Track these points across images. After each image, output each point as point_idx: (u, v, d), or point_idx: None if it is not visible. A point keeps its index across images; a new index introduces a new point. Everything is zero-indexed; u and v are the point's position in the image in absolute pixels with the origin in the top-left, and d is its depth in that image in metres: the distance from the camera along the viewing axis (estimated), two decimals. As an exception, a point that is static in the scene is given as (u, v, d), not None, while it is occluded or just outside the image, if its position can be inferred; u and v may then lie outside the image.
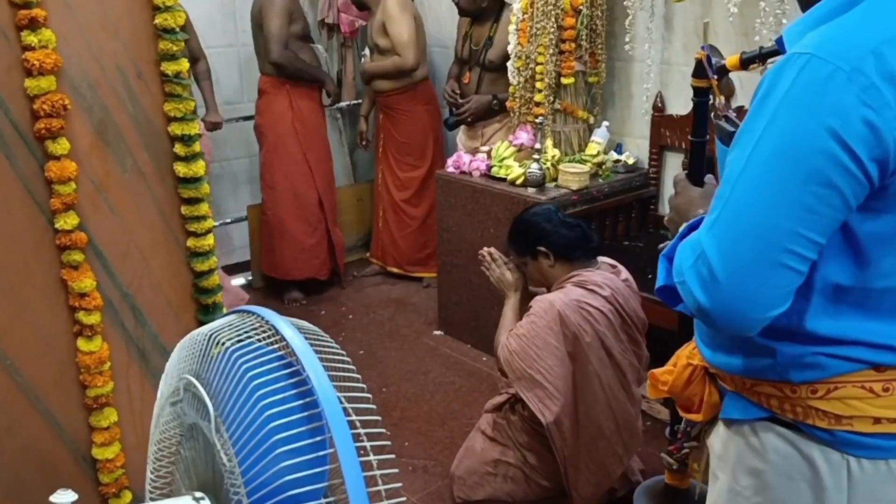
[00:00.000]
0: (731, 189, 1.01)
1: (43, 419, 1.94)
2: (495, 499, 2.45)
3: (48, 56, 1.76)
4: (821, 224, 0.98)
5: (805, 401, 1.09)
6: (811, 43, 0.99)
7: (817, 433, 1.09)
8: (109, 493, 2.05)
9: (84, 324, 1.92)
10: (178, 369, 1.29)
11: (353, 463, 1.06)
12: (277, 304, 4.18)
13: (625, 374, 2.31)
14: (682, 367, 1.28)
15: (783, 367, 1.09)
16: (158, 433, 1.38)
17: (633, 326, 2.34)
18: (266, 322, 1.21)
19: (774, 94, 1.00)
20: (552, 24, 3.31)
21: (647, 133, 3.49)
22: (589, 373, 2.25)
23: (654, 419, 3.05)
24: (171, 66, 1.98)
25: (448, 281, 3.75)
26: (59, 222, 1.85)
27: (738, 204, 1.00)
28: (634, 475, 2.53)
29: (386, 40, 4.07)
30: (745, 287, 0.99)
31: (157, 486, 1.43)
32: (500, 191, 3.36)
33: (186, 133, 2.02)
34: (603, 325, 2.26)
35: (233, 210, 4.50)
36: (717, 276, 0.99)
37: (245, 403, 1.10)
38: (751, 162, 1.00)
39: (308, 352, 1.13)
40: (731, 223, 1.00)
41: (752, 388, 1.15)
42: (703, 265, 1.01)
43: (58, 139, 1.81)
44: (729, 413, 1.20)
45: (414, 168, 4.32)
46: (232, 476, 1.12)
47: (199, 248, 2.13)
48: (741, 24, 3.02)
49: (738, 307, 1.00)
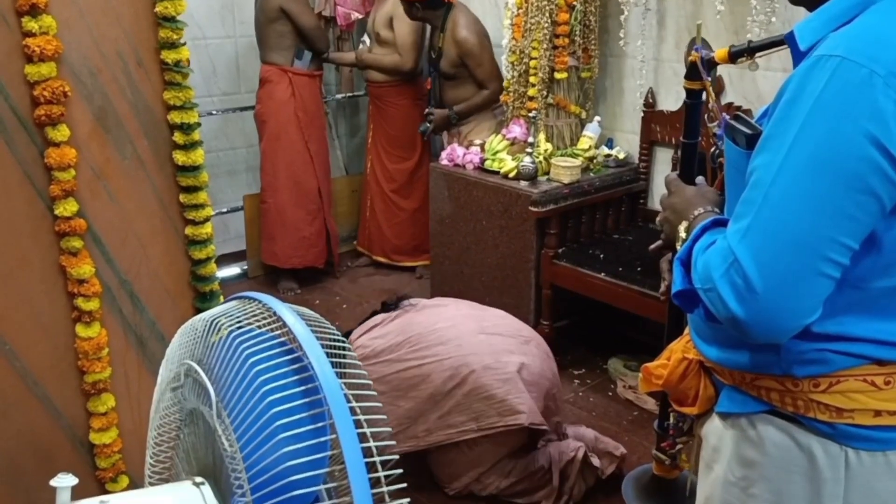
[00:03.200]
0: (764, 196, 0.98)
1: (41, 404, 1.95)
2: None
3: (49, 42, 1.76)
4: (858, 230, 0.97)
5: (807, 394, 1.09)
6: (839, 45, 0.97)
7: (818, 426, 1.10)
8: (106, 478, 2.07)
9: (83, 310, 1.93)
10: (179, 355, 1.31)
11: (354, 449, 1.07)
12: (272, 293, 4.19)
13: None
14: (678, 361, 1.27)
15: (787, 362, 1.09)
16: (158, 418, 1.39)
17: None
18: (267, 309, 1.23)
19: (804, 97, 0.97)
20: (546, 19, 3.34)
21: (637, 128, 3.51)
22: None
23: (641, 409, 3.10)
24: (171, 54, 1.99)
25: (440, 272, 3.78)
26: (59, 209, 1.85)
27: (774, 211, 0.97)
28: (617, 449, 2.59)
29: (389, 33, 4.08)
30: (785, 297, 0.97)
31: (156, 471, 1.45)
32: (494, 184, 3.39)
33: (186, 121, 2.04)
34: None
35: (229, 200, 4.50)
36: (754, 287, 0.96)
37: (247, 389, 1.12)
38: (784, 168, 0.97)
39: (310, 338, 1.14)
40: (768, 232, 0.97)
41: (752, 383, 1.15)
42: (737, 275, 0.98)
43: (58, 126, 1.81)
44: (726, 406, 1.20)
45: (403, 160, 4.35)
46: (233, 461, 1.13)
47: (198, 236, 2.15)
48: (731, 21, 3.05)
49: (775, 317, 0.98)
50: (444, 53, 3.84)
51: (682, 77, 3.36)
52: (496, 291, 3.45)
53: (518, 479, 2.47)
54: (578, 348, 3.41)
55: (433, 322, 2.56)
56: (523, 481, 2.47)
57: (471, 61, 3.79)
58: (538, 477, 2.45)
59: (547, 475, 2.44)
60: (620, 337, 3.51)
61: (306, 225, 4.18)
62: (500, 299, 3.37)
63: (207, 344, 1.23)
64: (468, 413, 2.41)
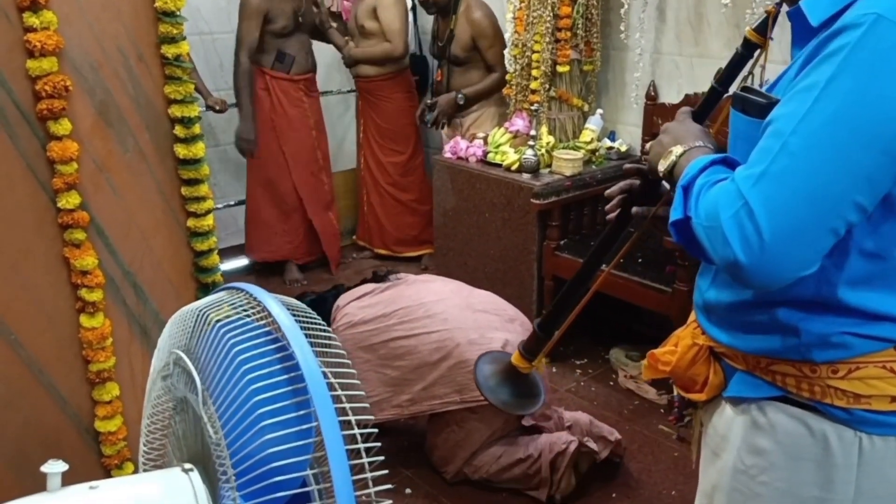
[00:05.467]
0: (783, 145, 0.96)
1: (46, 392, 2.00)
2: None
3: (50, 37, 1.79)
4: (874, 192, 0.97)
5: (824, 380, 1.09)
6: (877, 4, 0.95)
7: (834, 412, 1.09)
8: (112, 465, 2.11)
9: (86, 301, 1.97)
10: (168, 344, 1.34)
11: (335, 436, 1.09)
12: (278, 284, 4.26)
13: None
14: (687, 347, 1.25)
15: (807, 346, 1.09)
16: (150, 407, 1.42)
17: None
18: (254, 298, 1.26)
19: (837, 54, 0.95)
20: (549, 12, 3.35)
21: (639, 121, 3.52)
22: None
23: (642, 398, 3.12)
24: (171, 48, 2.02)
25: (444, 263, 3.81)
26: (62, 201, 1.89)
27: (792, 161, 0.96)
28: (612, 434, 2.61)
29: (374, 24, 4.09)
30: (791, 248, 0.96)
31: (150, 459, 1.48)
32: (496, 176, 3.40)
33: (186, 115, 2.07)
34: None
35: (237, 193, 4.55)
36: (762, 234, 0.95)
37: (231, 377, 1.14)
38: (807, 120, 0.96)
39: (294, 328, 1.17)
40: (783, 181, 0.96)
41: (767, 368, 1.14)
42: (746, 219, 0.96)
43: (59, 120, 1.84)
44: (738, 392, 1.19)
45: (397, 153, 4.37)
46: (218, 448, 1.16)
47: (199, 229, 2.18)
48: (733, 14, 3.05)
49: (777, 266, 0.97)
50: (457, 37, 3.85)
51: (682, 70, 3.39)
52: (499, 283, 3.47)
53: (508, 464, 2.50)
54: (580, 338, 3.43)
55: (421, 296, 2.61)
56: (513, 468, 2.50)
57: (484, 42, 3.81)
58: (528, 465, 2.48)
59: (537, 464, 2.47)
60: (622, 328, 3.53)
61: (278, 221, 4.24)
62: (502, 290, 3.38)
63: (195, 333, 1.26)
64: (452, 385, 2.46)
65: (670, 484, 2.62)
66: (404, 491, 2.59)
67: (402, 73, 4.28)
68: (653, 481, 2.64)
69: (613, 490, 2.57)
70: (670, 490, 2.59)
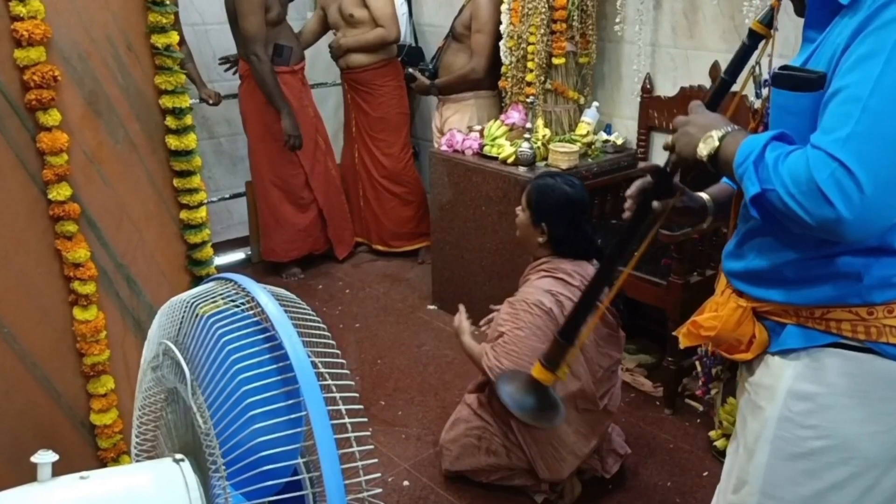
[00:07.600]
0: (863, 108, 1.05)
1: (41, 386, 1.99)
2: (477, 469, 2.51)
3: (37, 26, 1.77)
4: None
5: (880, 321, 1.18)
6: None
7: (888, 349, 1.18)
8: (108, 458, 2.11)
9: (79, 293, 1.96)
10: (158, 335, 1.33)
11: (324, 424, 1.10)
12: (276, 278, 4.25)
13: (591, 359, 2.36)
14: (732, 310, 1.32)
15: (868, 290, 1.17)
16: (142, 398, 1.42)
17: (605, 312, 2.37)
18: (243, 289, 1.25)
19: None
20: (544, 4, 3.33)
21: (635, 114, 3.50)
22: None
23: (638, 391, 3.11)
24: (161, 38, 1.99)
25: (441, 257, 3.80)
26: (52, 193, 1.87)
27: (877, 120, 1.04)
28: (623, 448, 2.60)
29: (362, 11, 4.07)
30: (890, 198, 1.05)
31: (143, 449, 1.48)
32: (492, 169, 3.39)
33: (177, 106, 2.04)
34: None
35: (232, 185, 4.53)
36: (863, 189, 1.03)
37: (220, 367, 1.14)
38: (882, 80, 1.04)
39: (282, 318, 1.16)
40: (871, 137, 1.04)
41: (821, 317, 1.22)
42: (844, 177, 1.03)
43: (49, 110, 1.83)
44: (789, 343, 1.26)
45: (391, 144, 4.35)
46: (207, 438, 1.16)
47: (192, 221, 2.16)
48: (728, 6, 3.04)
49: (878, 215, 1.05)
50: (462, 12, 3.84)
51: (678, 63, 3.37)
52: (496, 276, 3.47)
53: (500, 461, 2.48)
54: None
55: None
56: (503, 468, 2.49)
57: (474, 23, 3.75)
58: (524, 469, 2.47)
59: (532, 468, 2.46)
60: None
61: (299, 219, 4.22)
62: (499, 284, 3.39)
63: (184, 324, 1.25)
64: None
65: (666, 475, 2.62)
66: (402, 483, 2.58)
67: (391, 62, 4.26)
68: (648, 473, 2.64)
69: (609, 481, 2.57)
70: (666, 481, 2.59)
